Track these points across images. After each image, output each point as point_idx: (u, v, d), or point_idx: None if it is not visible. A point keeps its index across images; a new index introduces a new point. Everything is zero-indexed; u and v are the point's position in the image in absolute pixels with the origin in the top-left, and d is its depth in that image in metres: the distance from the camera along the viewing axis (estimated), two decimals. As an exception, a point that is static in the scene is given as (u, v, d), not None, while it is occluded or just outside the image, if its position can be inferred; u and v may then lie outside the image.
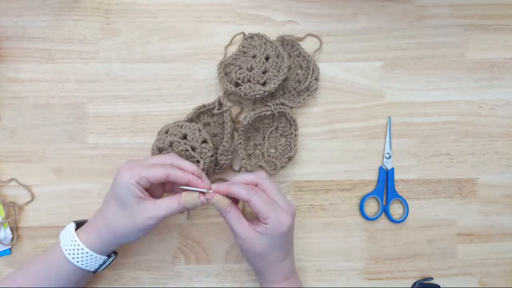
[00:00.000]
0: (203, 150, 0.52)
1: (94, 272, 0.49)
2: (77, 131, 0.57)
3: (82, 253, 0.47)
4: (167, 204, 0.46)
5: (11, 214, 0.56)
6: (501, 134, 0.59)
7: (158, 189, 0.50)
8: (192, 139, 0.52)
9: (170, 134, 0.53)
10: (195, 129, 0.53)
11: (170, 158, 0.48)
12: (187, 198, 0.46)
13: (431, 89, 0.59)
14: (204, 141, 0.53)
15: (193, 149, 0.52)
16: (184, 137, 0.53)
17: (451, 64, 0.60)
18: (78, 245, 0.47)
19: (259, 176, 0.49)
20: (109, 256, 0.49)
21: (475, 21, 0.60)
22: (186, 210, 0.49)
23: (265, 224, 0.46)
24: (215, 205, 0.47)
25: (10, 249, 0.56)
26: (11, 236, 0.55)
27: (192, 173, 0.47)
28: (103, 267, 0.50)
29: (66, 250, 0.47)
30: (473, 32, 0.60)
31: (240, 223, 0.47)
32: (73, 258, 0.46)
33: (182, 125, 0.53)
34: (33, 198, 0.57)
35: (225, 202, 0.47)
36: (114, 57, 0.58)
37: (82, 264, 0.47)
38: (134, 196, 0.45)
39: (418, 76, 0.59)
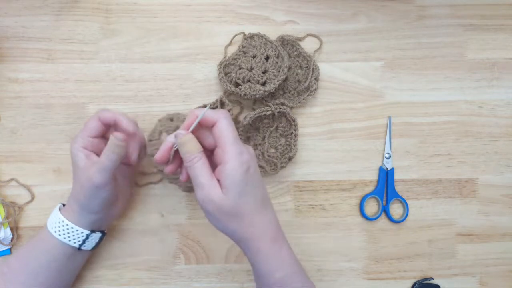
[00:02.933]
0: None
1: (79, 249, 0.49)
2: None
3: (63, 226, 0.47)
4: (103, 154, 0.46)
5: (11, 214, 0.56)
6: (501, 134, 0.59)
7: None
8: None
9: (175, 121, 0.53)
10: None
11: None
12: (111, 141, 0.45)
13: (431, 89, 0.59)
14: None
15: None
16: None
17: (451, 64, 0.60)
18: (59, 217, 0.48)
19: (220, 113, 0.43)
20: (93, 231, 0.49)
21: (475, 21, 0.60)
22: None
23: (225, 162, 0.41)
24: (185, 147, 0.42)
25: (10, 249, 0.56)
26: (11, 236, 0.55)
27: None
28: (87, 244, 0.49)
29: (50, 226, 0.48)
30: (473, 32, 0.60)
31: (209, 177, 0.41)
32: (55, 232, 0.48)
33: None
34: (33, 198, 0.56)
35: (197, 146, 0.42)
36: (114, 57, 0.58)
37: (65, 238, 0.48)
38: (82, 162, 0.46)
39: (418, 76, 0.59)
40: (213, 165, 0.44)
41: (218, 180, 0.42)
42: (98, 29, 0.58)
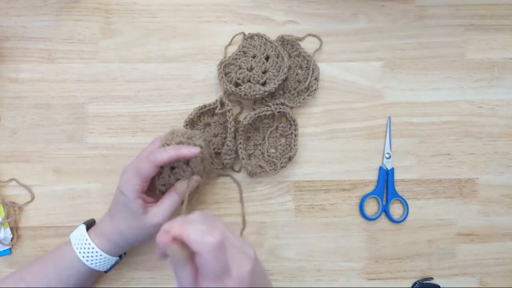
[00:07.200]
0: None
1: (106, 271, 0.50)
2: (77, 131, 0.57)
3: (96, 255, 0.47)
4: (168, 200, 0.47)
5: (11, 214, 0.56)
6: (501, 134, 0.59)
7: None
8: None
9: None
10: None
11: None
12: (181, 185, 0.48)
13: (431, 89, 0.59)
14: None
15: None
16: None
17: (451, 64, 0.60)
18: (93, 248, 0.47)
19: (204, 246, 0.34)
20: (120, 256, 0.51)
21: (475, 21, 0.60)
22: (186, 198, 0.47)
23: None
24: (172, 255, 0.35)
25: (10, 249, 0.56)
26: (11, 236, 0.55)
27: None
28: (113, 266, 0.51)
29: (79, 252, 0.47)
30: (473, 32, 0.60)
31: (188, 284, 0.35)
32: (87, 260, 0.47)
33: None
34: (33, 198, 0.56)
35: (183, 253, 0.35)
36: (114, 57, 0.58)
37: (96, 266, 0.48)
38: (139, 208, 0.46)
39: (418, 76, 0.59)
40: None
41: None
42: (98, 29, 0.58)
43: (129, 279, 0.57)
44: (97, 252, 0.47)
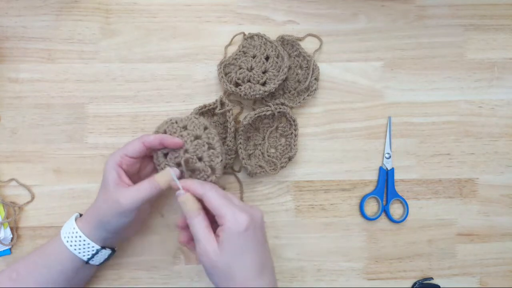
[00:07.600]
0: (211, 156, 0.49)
1: (87, 262, 0.49)
2: (77, 131, 0.57)
3: (76, 238, 0.47)
4: (141, 186, 0.46)
5: (11, 214, 0.56)
6: (501, 134, 0.59)
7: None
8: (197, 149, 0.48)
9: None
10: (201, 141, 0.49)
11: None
12: (160, 176, 0.46)
13: (431, 89, 0.59)
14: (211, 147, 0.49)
15: (200, 159, 0.49)
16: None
17: (451, 64, 0.60)
18: (74, 228, 0.48)
19: (206, 187, 0.45)
20: (104, 248, 0.49)
21: (475, 21, 0.60)
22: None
23: (222, 224, 0.42)
24: (184, 206, 0.45)
25: (10, 249, 0.56)
26: (11, 236, 0.55)
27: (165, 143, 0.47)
28: (95, 259, 0.49)
29: (63, 234, 0.48)
30: (473, 32, 0.60)
31: (206, 232, 0.43)
32: (67, 241, 0.48)
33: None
34: (33, 198, 0.56)
35: (196, 205, 0.45)
36: (114, 57, 0.58)
37: (75, 250, 0.47)
38: (113, 181, 0.46)
39: (418, 76, 0.59)
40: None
41: (219, 237, 0.43)
42: (98, 29, 0.58)
43: (128, 279, 0.57)
44: (77, 232, 0.47)
